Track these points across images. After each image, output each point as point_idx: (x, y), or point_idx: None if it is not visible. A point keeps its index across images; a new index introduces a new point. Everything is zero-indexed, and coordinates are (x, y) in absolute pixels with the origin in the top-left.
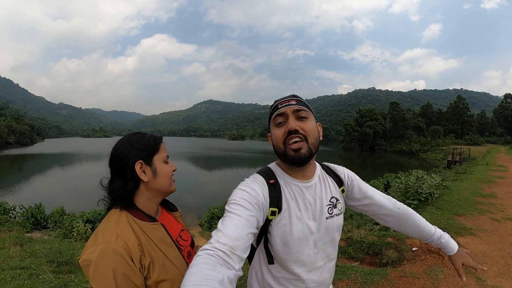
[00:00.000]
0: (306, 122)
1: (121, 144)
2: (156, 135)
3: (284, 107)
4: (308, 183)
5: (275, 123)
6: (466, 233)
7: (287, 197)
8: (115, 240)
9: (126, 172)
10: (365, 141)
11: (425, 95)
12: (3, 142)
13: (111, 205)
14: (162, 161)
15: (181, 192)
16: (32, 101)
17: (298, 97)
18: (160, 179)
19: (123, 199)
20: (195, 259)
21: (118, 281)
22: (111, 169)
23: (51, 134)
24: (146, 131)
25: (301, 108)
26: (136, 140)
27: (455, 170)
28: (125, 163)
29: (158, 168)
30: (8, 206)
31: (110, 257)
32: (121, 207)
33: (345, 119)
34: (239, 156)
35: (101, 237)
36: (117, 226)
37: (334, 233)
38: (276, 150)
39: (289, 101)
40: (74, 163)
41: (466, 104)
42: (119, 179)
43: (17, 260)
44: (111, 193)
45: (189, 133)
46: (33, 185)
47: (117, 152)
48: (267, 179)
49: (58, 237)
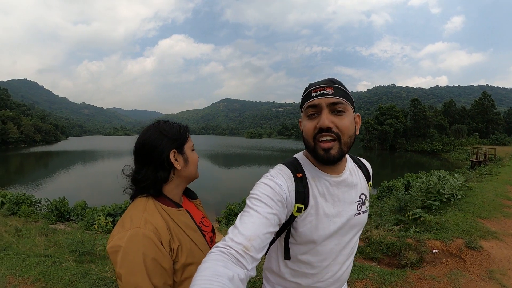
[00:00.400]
0: (342, 117)
1: (152, 132)
2: (183, 124)
3: (318, 98)
4: (338, 178)
5: (307, 113)
6: (490, 237)
7: (315, 193)
8: (144, 224)
9: (159, 161)
10: (385, 140)
11: (448, 92)
12: (30, 140)
13: (136, 193)
14: (191, 149)
15: (200, 189)
16: (56, 102)
17: (337, 82)
18: (190, 166)
19: (154, 187)
20: (208, 255)
21: (148, 265)
22: (140, 157)
23: (74, 132)
24: None
25: (338, 101)
26: (168, 129)
27: (479, 171)
28: (159, 152)
29: (189, 156)
30: (35, 199)
31: (140, 241)
32: (151, 195)
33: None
34: (256, 154)
35: (128, 222)
36: (145, 212)
37: (359, 229)
38: (306, 143)
39: (325, 89)
40: (96, 160)
41: (492, 101)
42: (150, 167)
43: (41, 249)
44: (140, 182)
45: (208, 131)
46: (57, 180)
47: (149, 140)
48: (294, 173)
49: (80, 229)
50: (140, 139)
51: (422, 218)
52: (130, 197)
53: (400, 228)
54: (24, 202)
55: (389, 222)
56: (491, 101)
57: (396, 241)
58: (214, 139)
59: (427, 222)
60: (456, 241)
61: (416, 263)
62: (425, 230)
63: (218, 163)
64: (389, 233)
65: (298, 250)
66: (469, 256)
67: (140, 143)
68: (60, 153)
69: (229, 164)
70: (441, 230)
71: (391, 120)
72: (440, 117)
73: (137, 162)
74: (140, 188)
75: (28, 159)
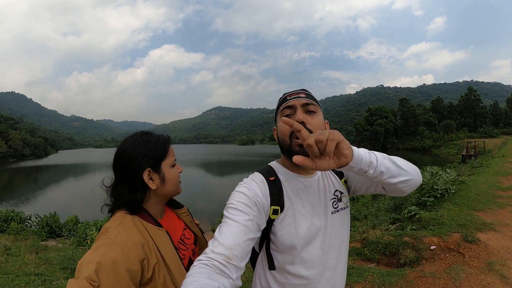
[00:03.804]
0: (314, 117)
1: (128, 147)
2: (164, 136)
3: (293, 100)
4: (311, 178)
5: (282, 115)
6: (487, 229)
7: (289, 193)
8: (115, 236)
9: (133, 180)
10: (377, 140)
11: (435, 89)
12: (18, 154)
13: (115, 207)
14: (170, 165)
15: (194, 198)
16: (45, 115)
17: (308, 91)
18: (168, 185)
19: (130, 205)
20: (191, 269)
21: (118, 273)
22: (117, 170)
23: (64, 145)
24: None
25: (310, 102)
26: (144, 144)
27: (470, 164)
28: (133, 171)
29: (166, 174)
30: (24, 216)
31: (111, 252)
32: (128, 212)
33: (355, 118)
34: (249, 161)
35: (103, 235)
36: (120, 225)
37: (343, 229)
38: (281, 144)
39: (299, 94)
40: (87, 173)
41: (478, 96)
42: (126, 185)
43: (32, 267)
44: (117, 198)
45: (200, 140)
46: (48, 195)
47: (123, 156)
48: (266, 177)
49: (72, 245)
50: (117, 151)
51: (417, 215)
52: (108, 210)
53: (397, 226)
54: (13, 219)
55: (385, 221)
56: (477, 96)
57: (393, 240)
58: (206, 147)
59: (423, 218)
60: (453, 236)
61: (415, 261)
62: (421, 227)
63: (211, 172)
64: (385, 233)
65: (282, 259)
66: (467, 249)
67: (117, 157)
68: (50, 167)
69: (222, 172)
70: (438, 226)
71: (381, 120)
72: (429, 114)
73: (115, 175)
74: (117, 203)
75: (17, 174)
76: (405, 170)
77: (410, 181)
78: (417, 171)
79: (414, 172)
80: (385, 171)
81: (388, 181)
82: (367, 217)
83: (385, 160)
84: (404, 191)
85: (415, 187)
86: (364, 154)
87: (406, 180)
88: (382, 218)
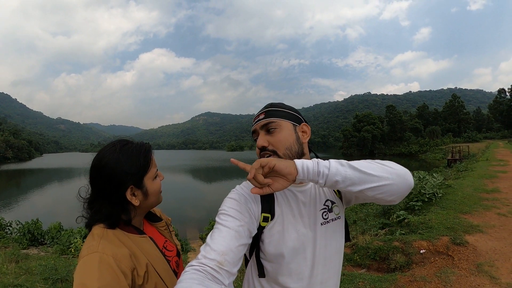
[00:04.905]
0: (274, 134)
1: (107, 163)
2: (144, 145)
3: (255, 124)
4: (302, 187)
5: (254, 139)
6: (474, 231)
7: (280, 201)
8: (102, 249)
9: (114, 197)
10: (364, 146)
11: (420, 96)
12: (0, 157)
13: (92, 222)
14: (153, 178)
15: (181, 206)
16: (30, 116)
17: (272, 106)
18: (150, 198)
19: (109, 221)
20: (182, 275)
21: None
22: (94, 187)
23: (49, 149)
24: None
25: (269, 121)
26: (125, 159)
27: (456, 168)
28: (114, 189)
29: (148, 188)
30: (4, 222)
31: (96, 267)
32: (106, 226)
33: (343, 125)
34: (238, 167)
35: (85, 252)
36: (102, 239)
37: (335, 241)
38: None
39: (259, 116)
40: (72, 178)
41: (461, 102)
42: (105, 202)
43: (11, 277)
44: (95, 213)
45: (188, 146)
46: (30, 201)
47: (103, 173)
48: None
49: (55, 253)
50: (95, 165)
51: (406, 220)
52: (85, 224)
53: (386, 231)
54: None
55: (374, 226)
56: (461, 102)
57: (383, 245)
58: (195, 153)
59: (412, 223)
60: (442, 239)
61: (405, 266)
62: (410, 231)
63: (199, 178)
64: (375, 238)
65: (271, 268)
66: (456, 252)
67: (95, 169)
68: (34, 171)
69: (211, 178)
70: (426, 230)
71: (368, 126)
72: (415, 120)
73: (93, 190)
74: (95, 219)
75: None
76: (375, 175)
77: (384, 188)
78: (398, 175)
79: (392, 176)
80: (340, 179)
81: (349, 189)
82: (356, 222)
83: (345, 168)
84: (382, 199)
85: (400, 194)
86: (312, 165)
87: (378, 187)
88: (371, 223)
